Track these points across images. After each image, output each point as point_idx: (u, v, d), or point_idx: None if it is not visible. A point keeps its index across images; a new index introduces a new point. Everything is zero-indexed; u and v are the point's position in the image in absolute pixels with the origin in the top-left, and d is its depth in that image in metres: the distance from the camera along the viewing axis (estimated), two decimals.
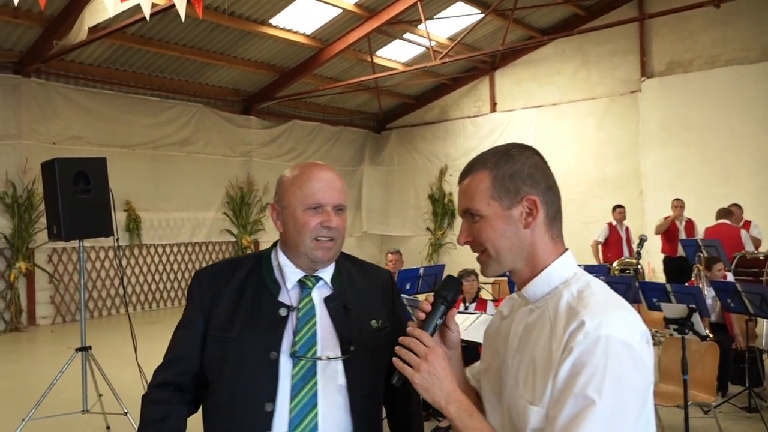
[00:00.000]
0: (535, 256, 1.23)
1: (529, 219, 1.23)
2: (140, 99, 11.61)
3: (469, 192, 1.26)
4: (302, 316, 1.55)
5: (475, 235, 1.25)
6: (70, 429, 4.95)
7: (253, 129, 13.65)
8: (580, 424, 1.04)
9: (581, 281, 1.21)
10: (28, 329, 9.95)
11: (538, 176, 1.26)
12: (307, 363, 1.50)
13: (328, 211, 1.55)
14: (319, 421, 1.47)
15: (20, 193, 9.82)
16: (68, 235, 4.16)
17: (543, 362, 1.14)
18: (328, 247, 1.57)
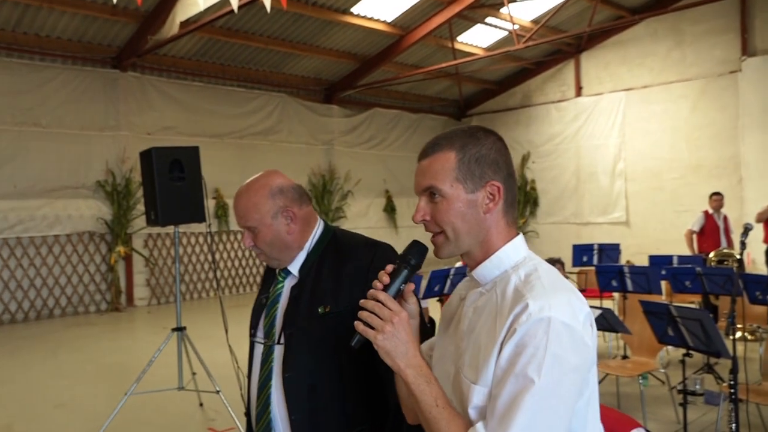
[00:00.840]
0: (489, 240, 1.25)
1: (491, 204, 1.24)
2: (227, 90, 12.02)
3: (432, 170, 1.25)
4: (269, 304, 1.82)
5: (435, 214, 1.25)
6: (167, 404, 5.23)
7: (334, 117, 13.84)
8: (519, 403, 1.07)
9: (529, 265, 1.23)
10: (127, 309, 10.57)
11: (501, 162, 1.26)
12: (267, 346, 1.76)
13: (245, 234, 1.80)
14: (271, 394, 1.74)
15: (119, 181, 10.41)
16: (164, 221, 4.37)
17: (487, 343, 1.16)
18: (262, 258, 1.83)
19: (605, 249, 7.51)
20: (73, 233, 10.14)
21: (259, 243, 1.77)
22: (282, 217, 1.77)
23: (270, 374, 1.75)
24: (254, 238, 1.78)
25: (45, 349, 7.77)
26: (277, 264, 1.83)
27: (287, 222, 1.78)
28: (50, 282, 9.90)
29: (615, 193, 13.77)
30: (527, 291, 1.15)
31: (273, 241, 1.77)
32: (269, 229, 1.76)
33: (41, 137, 9.71)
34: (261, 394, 1.76)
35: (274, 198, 1.78)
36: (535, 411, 1.07)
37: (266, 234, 1.76)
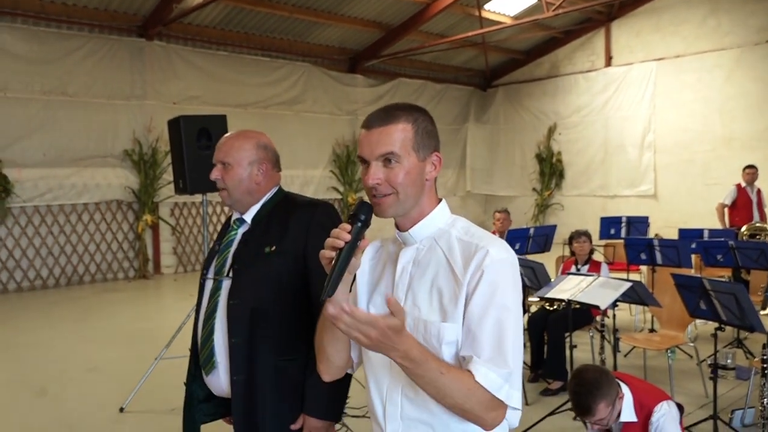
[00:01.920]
0: (423, 204, 1.43)
1: (433, 172, 1.43)
2: (252, 59, 11.97)
3: (390, 138, 1.37)
4: (222, 247, 2.08)
5: (389, 178, 1.37)
6: None
7: (359, 87, 13.74)
8: (505, 329, 1.29)
9: (461, 221, 1.45)
10: (154, 277, 10.74)
11: (438, 138, 1.45)
12: (216, 281, 2.02)
13: (217, 167, 2.05)
14: (215, 323, 1.99)
15: (146, 150, 10.49)
16: (192, 189, 4.39)
17: (449, 287, 1.35)
18: (222, 195, 2.06)
19: (633, 222, 7.40)
20: (102, 201, 10.28)
21: (227, 179, 2.02)
22: (255, 167, 2.04)
23: (216, 305, 2.00)
24: (224, 173, 2.03)
25: (75, 314, 7.95)
26: (233, 204, 2.06)
27: (257, 173, 2.04)
28: (80, 249, 10.08)
29: (643, 166, 13.52)
30: (477, 240, 1.37)
31: (239, 183, 2.02)
32: (242, 170, 2.02)
33: (69, 106, 9.79)
34: (207, 323, 2.01)
35: (258, 149, 2.05)
36: (516, 331, 1.31)
37: (237, 173, 2.01)
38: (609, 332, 4.67)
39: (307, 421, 1.97)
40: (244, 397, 1.95)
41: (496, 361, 1.27)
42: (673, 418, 2.79)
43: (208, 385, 2.08)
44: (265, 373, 1.94)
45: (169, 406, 4.62)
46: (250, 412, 1.95)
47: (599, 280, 4.01)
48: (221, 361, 1.99)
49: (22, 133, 9.37)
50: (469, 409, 1.27)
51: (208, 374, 2.02)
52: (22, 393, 5.00)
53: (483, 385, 1.25)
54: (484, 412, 1.28)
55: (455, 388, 1.25)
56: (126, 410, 4.53)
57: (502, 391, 1.27)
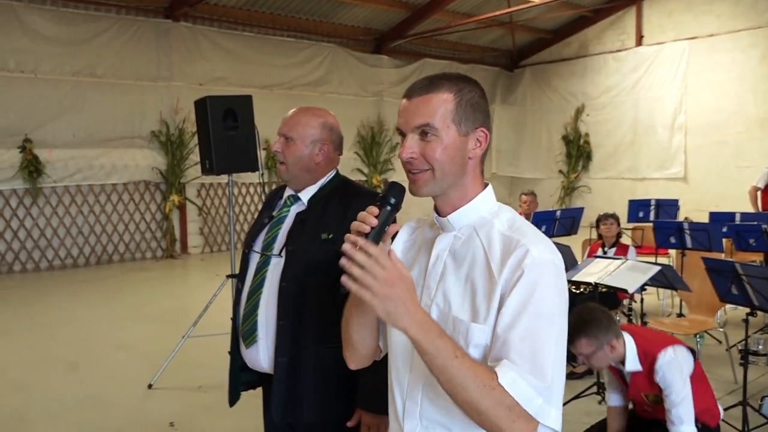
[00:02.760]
0: (466, 186, 1.30)
1: (477, 150, 1.29)
2: (277, 40, 11.95)
3: (429, 108, 1.25)
4: (273, 224, 2.06)
5: (425, 152, 1.26)
6: (221, 347, 5.38)
7: (384, 68, 13.65)
8: (545, 337, 1.15)
9: (506, 212, 1.31)
10: (181, 257, 10.89)
11: (488, 112, 1.32)
12: (264, 257, 2.01)
13: (278, 140, 2.02)
14: (260, 299, 1.98)
15: (172, 131, 10.58)
16: (219, 170, 4.41)
17: (483, 285, 1.22)
18: (280, 169, 2.05)
19: (663, 205, 7.27)
20: (130, 182, 10.41)
21: (288, 154, 2.01)
22: (318, 147, 2.02)
23: (262, 282, 1.99)
24: (285, 147, 2.01)
25: (105, 292, 8.11)
26: (289, 180, 2.05)
27: (318, 153, 2.02)
28: (109, 229, 10.25)
29: (674, 148, 13.24)
30: (520, 236, 1.22)
31: (300, 159, 2.01)
32: (303, 147, 2.00)
33: (97, 87, 9.90)
34: (251, 298, 2.01)
35: (323, 129, 2.03)
36: (557, 342, 1.16)
37: (298, 149, 2.00)
38: (636, 316, 4.62)
39: (363, 417, 1.94)
40: (286, 379, 1.94)
41: (530, 370, 1.12)
42: (679, 364, 2.69)
43: (244, 357, 2.08)
44: (309, 358, 1.93)
45: (196, 383, 4.71)
46: (291, 395, 1.93)
47: (627, 263, 3.95)
48: (262, 337, 2.00)
49: (53, 114, 9.51)
50: (485, 411, 1.10)
51: (248, 347, 2.03)
52: (53, 368, 5.13)
53: (508, 390, 1.10)
54: (506, 420, 1.10)
55: (469, 379, 1.10)
56: (154, 387, 4.61)
57: (533, 403, 1.12)
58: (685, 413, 2.63)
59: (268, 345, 1.98)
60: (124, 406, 4.33)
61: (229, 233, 4.98)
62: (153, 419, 4.09)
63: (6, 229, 9.29)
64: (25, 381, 4.84)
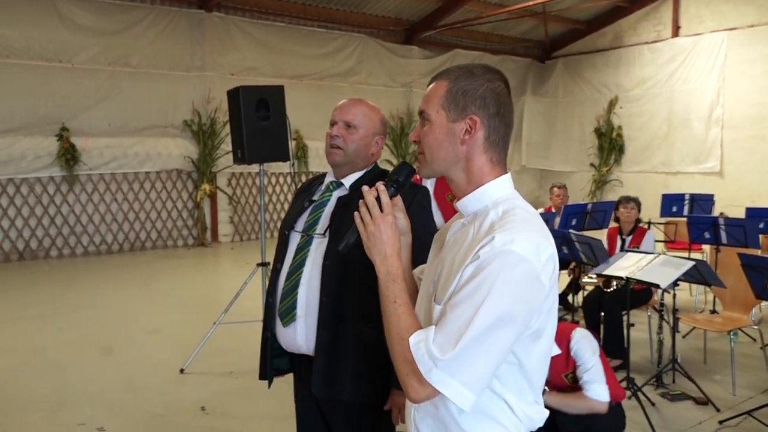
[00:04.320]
0: (472, 172, 1.32)
1: (466, 136, 1.31)
2: (308, 31, 11.99)
3: (427, 96, 1.35)
4: (315, 207, 2.12)
5: (422, 137, 1.35)
6: (251, 334, 5.46)
7: (414, 59, 13.59)
8: (469, 323, 1.13)
9: (509, 203, 1.28)
10: (212, 245, 11.05)
11: (490, 101, 1.31)
12: (306, 237, 2.07)
13: (338, 125, 2.07)
14: (301, 277, 2.03)
15: (204, 121, 10.71)
16: (251, 159, 4.46)
17: (455, 269, 1.24)
18: (335, 153, 2.08)
19: (697, 199, 7.13)
20: (162, 171, 10.59)
21: (349, 140, 2.07)
22: (375, 139, 2.13)
23: (304, 260, 2.04)
24: (346, 134, 2.07)
25: (138, 278, 8.28)
26: (342, 166, 2.10)
27: (374, 145, 2.14)
28: (142, 216, 10.45)
29: (710, 142, 12.94)
30: (499, 226, 1.21)
31: (360, 147, 2.09)
32: (367, 137, 2.10)
33: (132, 77, 10.06)
34: (292, 276, 2.05)
35: (382, 124, 2.16)
36: (482, 332, 1.13)
37: (361, 137, 2.08)
38: (668, 312, 4.55)
39: (396, 397, 1.97)
40: (328, 354, 1.97)
41: (438, 341, 1.15)
42: (589, 339, 3.09)
43: (279, 337, 2.10)
44: (351, 335, 1.97)
45: (227, 369, 4.79)
46: (331, 370, 1.97)
47: (660, 258, 3.89)
48: (302, 315, 2.02)
49: (89, 103, 9.70)
50: (393, 355, 1.24)
51: (286, 326, 2.05)
52: (89, 351, 5.27)
53: (411, 347, 1.19)
54: (402, 371, 1.21)
55: (393, 323, 1.24)
56: (186, 371, 4.71)
57: (425, 368, 1.16)
58: (597, 375, 3.01)
59: (308, 323, 2.01)
60: (157, 389, 4.43)
61: (260, 222, 5.02)
62: (185, 403, 4.18)
63: (44, 215, 9.53)
64: (62, 362, 4.98)
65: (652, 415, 3.79)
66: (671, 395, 4.10)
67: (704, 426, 3.74)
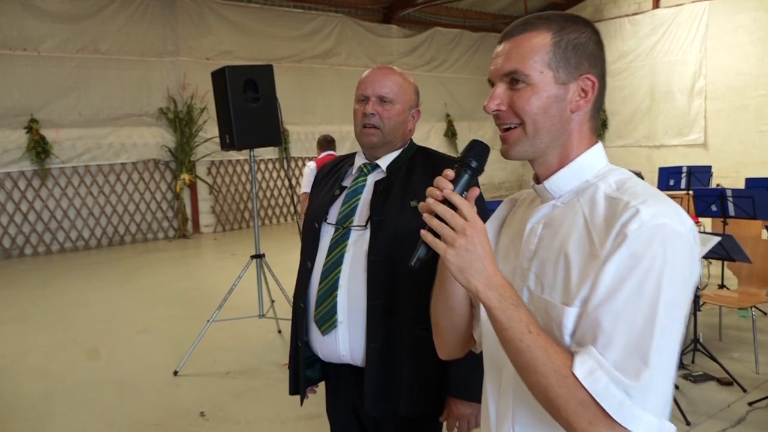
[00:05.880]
0: (569, 146, 1.07)
1: (581, 102, 1.05)
2: (284, 11, 11.60)
3: (520, 51, 1.05)
4: (349, 194, 1.83)
5: (514, 103, 1.05)
6: (246, 331, 5.21)
7: (393, 38, 13.28)
8: (646, 320, 0.89)
9: (618, 172, 1.06)
10: (194, 236, 10.70)
11: (599, 58, 1.07)
12: (342, 231, 1.77)
13: (370, 101, 1.77)
14: (340, 277, 1.74)
15: (180, 108, 10.30)
16: (241, 145, 4.16)
17: (579, 259, 0.99)
18: (370, 134, 1.78)
19: (694, 172, 6.99)
20: (139, 161, 10.18)
21: (386, 117, 1.79)
22: (411, 113, 1.86)
23: (342, 257, 1.76)
24: (382, 110, 1.79)
25: (119, 274, 7.93)
26: (379, 147, 1.82)
27: (411, 120, 1.86)
28: (119, 209, 10.05)
29: (693, 113, 12.89)
30: (630, 196, 0.97)
31: (399, 125, 1.82)
32: (405, 112, 1.82)
33: (102, 64, 9.61)
34: (328, 276, 1.76)
35: (416, 95, 1.88)
36: (666, 328, 0.89)
37: (399, 113, 1.80)
38: None
39: (456, 407, 1.73)
40: (381, 366, 1.71)
41: (618, 362, 0.89)
42: None
43: (315, 346, 1.83)
44: (406, 342, 1.72)
45: (223, 369, 4.53)
46: (386, 384, 1.72)
47: None
48: (343, 320, 1.75)
49: (58, 93, 9.25)
50: (555, 401, 0.92)
51: (326, 333, 1.77)
52: (75, 354, 4.96)
53: (583, 383, 0.89)
54: (579, 419, 0.90)
55: (539, 359, 0.92)
56: (180, 373, 4.43)
57: (614, 403, 0.88)
58: None
59: (352, 329, 1.74)
60: (151, 394, 4.15)
61: (253, 211, 4.75)
62: (182, 408, 3.91)
63: (16, 212, 9.10)
64: (47, 368, 4.67)
65: (679, 399, 3.63)
66: (694, 377, 3.95)
67: (734, 408, 3.59)
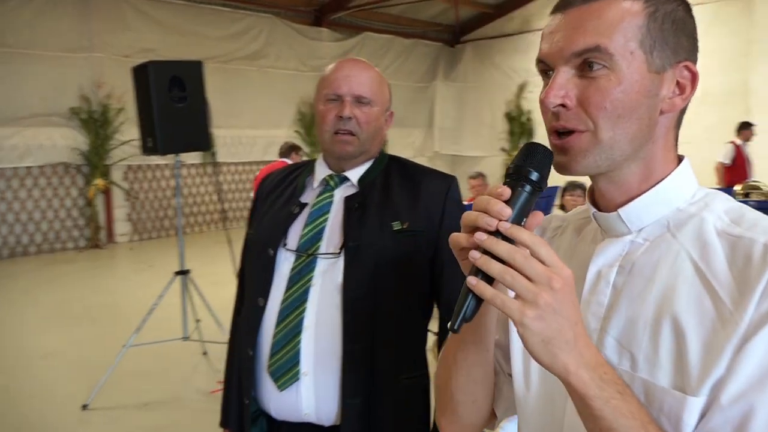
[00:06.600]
0: (653, 160, 0.77)
1: (677, 99, 0.75)
2: (212, 10, 11.05)
3: (603, 20, 0.72)
4: (313, 212, 1.51)
5: (588, 98, 0.73)
6: (167, 354, 4.72)
7: (324, 42, 12.95)
8: None
9: (720, 197, 0.77)
10: (108, 246, 9.96)
11: (696, 39, 0.77)
12: (306, 259, 1.45)
13: (346, 101, 1.47)
14: (304, 317, 1.42)
15: (95, 108, 9.56)
16: (165, 149, 3.72)
17: (702, 326, 0.69)
18: (346, 141, 1.48)
19: None
20: (47, 165, 9.36)
21: (363, 121, 1.48)
22: (386, 115, 1.57)
23: (306, 292, 1.44)
24: (360, 113, 1.48)
25: (22, 289, 7.17)
26: (355, 154, 1.51)
27: (385, 121, 1.57)
28: (23, 217, 9.20)
29: None
30: (763, 235, 0.69)
31: (375, 130, 1.52)
32: (380, 114, 1.52)
33: (7, 59, 8.74)
34: (289, 316, 1.43)
35: (389, 93, 1.58)
36: None
37: (374, 116, 1.50)
38: None
39: None
40: (360, 426, 1.42)
41: None
42: None
43: (265, 404, 1.48)
44: (389, 395, 1.45)
45: (142, 401, 4.04)
46: None
47: None
48: (308, 371, 1.42)
49: None
50: None
51: (284, 388, 1.43)
52: None
53: None
54: None
55: None
56: (90, 407, 3.91)
57: None
58: None
59: (320, 382, 1.43)
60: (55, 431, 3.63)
61: (176, 221, 4.29)
62: None
63: None
64: None
65: None
66: None
67: None
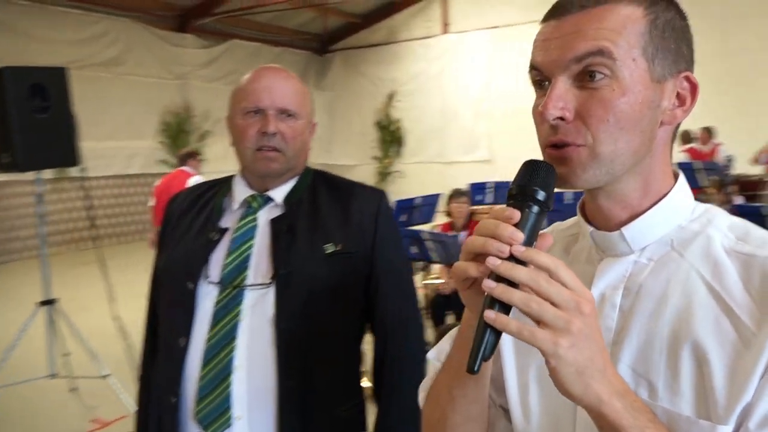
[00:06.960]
0: (652, 174, 0.75)
1: (677, 111, 0.74)
2: (61, 12, 10.18)
3: (605, 24, 0.70)
4: (236, 239, 1.37)
5: (588, 110, 0.70)
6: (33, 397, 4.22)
7: (189, 48, 12.40)
8: None
9: (721, 214, 0.76)
10: None
11: (693, 51, 0.76)
12: (232, 291, 1.32)
13: (269, 115, 1.35)
14: (234, 356, 1.30)
15: None
16: (26, 165, 3.32)
17: (723, 350, 0.67)
18: (271, 158, 1.36)
19: (500, 187, 7.41)
20: None
21: (289, 136, 1.36)
22: (310, 128, 1.46)
23: (234, 329, 1.31)
24: (286, 127, 1.36)
25: None
26: (281, 172, 1.39)
27: (309, 134, 1.45)
28: None
29: (478, 133, 13.93)
30: None
31: (301, 145, 1.41)
32: (305, 127, 1.41)
33: None
34: (216, 357, 1.30)
35: (312, 103, 1.46)
36: None
37: (300, 130, 1.38)
38: None
39: None
40: None
41: None
42: None
43: None
44: (326, 429, 1.37)
45: None
46: None
47: None
48: (242, 414, 1.30)
49: None
50: None
51: None
52: None
53: None
54: None
55: None
56: None
57: None
58: None
59: (256, 425, 1.31)
60: None
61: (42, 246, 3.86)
62: None
63: None
64: None
65: None
66: None
67: None
